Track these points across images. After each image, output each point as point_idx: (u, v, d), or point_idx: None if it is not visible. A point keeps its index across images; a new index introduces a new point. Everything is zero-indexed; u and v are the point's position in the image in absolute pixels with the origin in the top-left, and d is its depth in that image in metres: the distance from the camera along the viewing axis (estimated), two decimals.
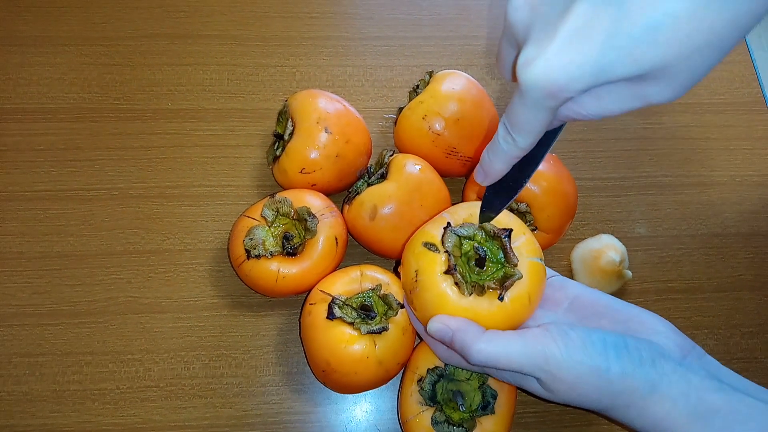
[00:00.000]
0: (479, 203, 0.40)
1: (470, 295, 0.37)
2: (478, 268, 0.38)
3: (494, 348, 0.35)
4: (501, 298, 0.37)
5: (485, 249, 0.38)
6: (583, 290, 0.41)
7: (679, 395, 0.33)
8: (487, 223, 0.39)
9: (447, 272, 0.37)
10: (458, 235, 0.39)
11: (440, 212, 0.42)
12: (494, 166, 0.34)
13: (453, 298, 0.37)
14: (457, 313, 0.37)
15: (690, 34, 0.25)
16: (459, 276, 0.37)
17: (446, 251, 0.38)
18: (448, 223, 0.39)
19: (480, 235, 0.39)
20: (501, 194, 0.38)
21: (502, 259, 0.38)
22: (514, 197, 0.37)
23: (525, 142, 0.31)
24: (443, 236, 0.38)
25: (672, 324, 0.38)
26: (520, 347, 0.34)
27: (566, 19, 0.26)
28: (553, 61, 0.26)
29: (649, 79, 0.27)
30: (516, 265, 0.38)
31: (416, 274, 0.38)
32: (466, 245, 0.39)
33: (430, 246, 0.39)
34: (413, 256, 0.39)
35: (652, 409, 0.34)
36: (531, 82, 0.27)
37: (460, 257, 0.39)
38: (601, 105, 0.29)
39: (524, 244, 0.39)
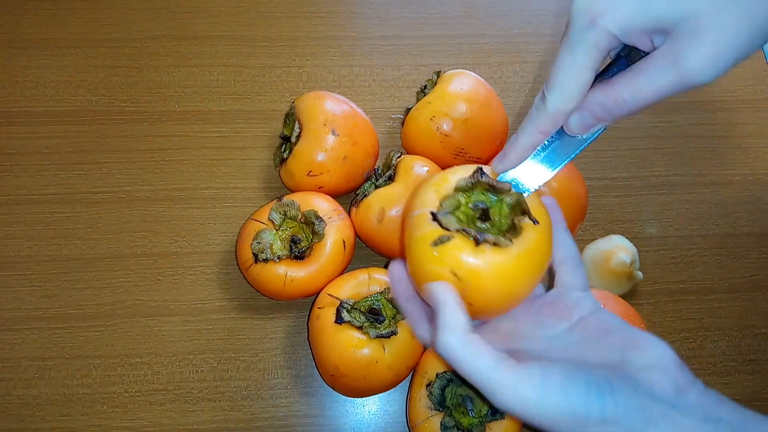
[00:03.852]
0: (432, 178, 0.37)
1: (511, 241, 0.34)
2: (488, 223, 0.35)
3: (463, 351, 0.31)
4: (535, 222, 0.34)
5: (478, 201, 0.36)
6: (593, 310, 0.37)
7: None
8: (459, 181, 0.36)
9: (477, 244, 0.33)
10: (449, 212, 0.35)
11: (404, 223, 0.38)
12: (518, 142, 0.34)
13: (506, 260, 0.33)
14: (521, 263, 0.34)
15: None
16: (491, 237, 0.33)
17: (458, 229, 0.34)
18: (432, 213, 0.35)
19: (462, 198, 0.36)
20: None
21: (496, 199, 0.36)
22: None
23: (556, 103, 0.32)
24: (441, 224, 0.34)
25: (676, 356, 0.33)
26: (490, 365, 0.30)
27: None
28: None
29: (683, 37, 0.29)
30: (510, 189, 0.35)
31: (455, 276, 0.34)
32: (461, 215, 0.36)
33: (441, 240, 0.34)
34: (437, 264, 0.34)
35: None
36: (577, 6, 0.30)
37: (469, 226, 0.35)
38: (636, 86, 0.31)
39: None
